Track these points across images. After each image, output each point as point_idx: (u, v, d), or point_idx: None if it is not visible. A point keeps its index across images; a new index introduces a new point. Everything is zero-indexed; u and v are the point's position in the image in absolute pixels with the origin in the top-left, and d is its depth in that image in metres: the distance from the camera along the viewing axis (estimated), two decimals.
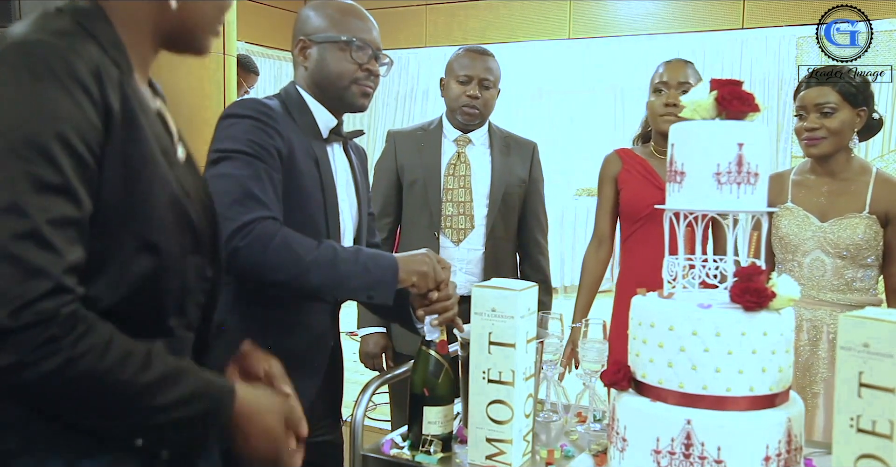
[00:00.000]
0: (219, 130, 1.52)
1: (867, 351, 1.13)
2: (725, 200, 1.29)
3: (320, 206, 1.58)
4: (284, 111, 1.59)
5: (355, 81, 1.62)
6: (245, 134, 1.48)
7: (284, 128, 1.53)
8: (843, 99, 2.04)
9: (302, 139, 1.58)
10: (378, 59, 1.66)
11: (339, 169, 1.68)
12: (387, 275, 1.45)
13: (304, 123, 1.61)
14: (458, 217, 2.41)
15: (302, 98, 1.64)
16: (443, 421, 1.52)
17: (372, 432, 2.92)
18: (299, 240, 1.42)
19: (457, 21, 7.48)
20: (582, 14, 7.03)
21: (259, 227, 1.39)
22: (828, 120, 2.04)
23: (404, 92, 8.29)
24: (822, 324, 2.06)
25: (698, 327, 1.24)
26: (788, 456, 1.24)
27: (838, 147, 2.07)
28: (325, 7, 1.65)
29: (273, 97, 1.65)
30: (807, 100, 2.08)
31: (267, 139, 1.49)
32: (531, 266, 2.53)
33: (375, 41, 1.65)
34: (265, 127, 1.50)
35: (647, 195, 2.29)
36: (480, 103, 2.38)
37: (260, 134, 1.49)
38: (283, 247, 1.39)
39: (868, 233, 2.01)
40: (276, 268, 1.40)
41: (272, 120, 1.51)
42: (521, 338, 1.41)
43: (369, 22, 1.67)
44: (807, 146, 2.09)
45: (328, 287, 1.46)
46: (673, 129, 1.37)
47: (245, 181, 1.43)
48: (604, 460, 1.46)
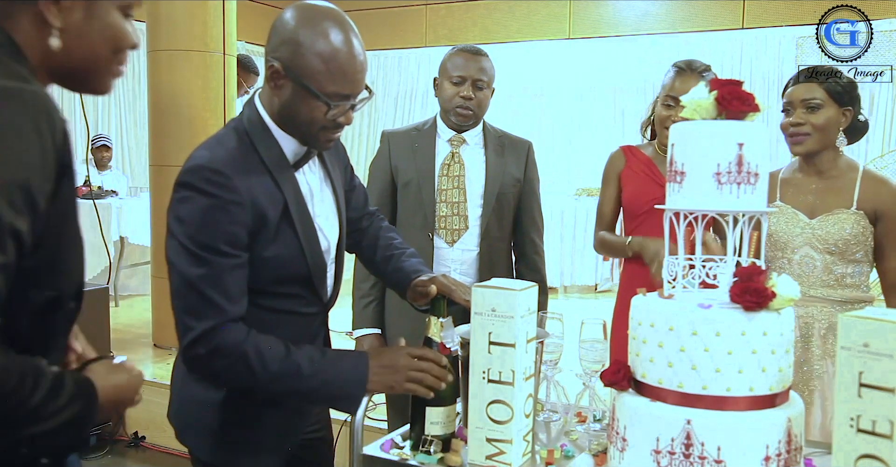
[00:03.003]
0: (175, 200, 1.41)
1: (867, 352, 1.13)
2: (725, 200, 1.29)
3: (296, 246, 1.51)
4: (248, 148, 1.47)
5: (324, 130, 1.48)
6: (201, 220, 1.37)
7: (244, 186, 1.41)
8: (829, 96, 2.06)
9: (265, 183, 1.46)
10: (354, 106, 1.49)
11: (312, 188, 1.58)
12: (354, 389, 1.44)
13: (270, 156, 1.48)
14: (453, 217, 2.41)
15: (267, 128, 1.50)
16: (445, 422, 1.52)
17: (372, 432, 2.92)
18: (263, 352, 1.39)
19: (457, 21, 7.49)
20: (582, 14, 7.04)
21: (218, 338, 1.36)
22: (813, 116, 2.06)
23: (404, 92, 8.30)
24: (813, 321, 2.08)
25: (698, 327, 1.24)
26: (788, 456, 1.24)
27: (824, 145, 2.08)
28: (313, 38, 1.40)
29: (233, 129, 1.51)
30: (793, 96, 2.11)
31: (227, 223, 1.39)
32: (527, 266, 2.52)
33: (359, 88, 1.46)
34: (226, 206, 1.38)
35: (648, 192, 2.31)
36: (474, 104, 2.37)
37: (219, 217, 1.38)
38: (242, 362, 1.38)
39: (856, 228, 2.03)
40: (233, 379, 1.42)
41: (230, 192, 1.39)
42: (521, 338, 1.41)
43: (357, 65, 1.43)
44: (792, 144, 2.11)
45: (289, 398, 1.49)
46: (673, 129, 1.37)
47: (198, 283, 1.36)
48: (604, 460, 1.46)
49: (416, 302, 1.73)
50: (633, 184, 2.37)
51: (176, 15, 4.45)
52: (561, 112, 7.96)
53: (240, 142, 1.48)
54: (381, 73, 8.28)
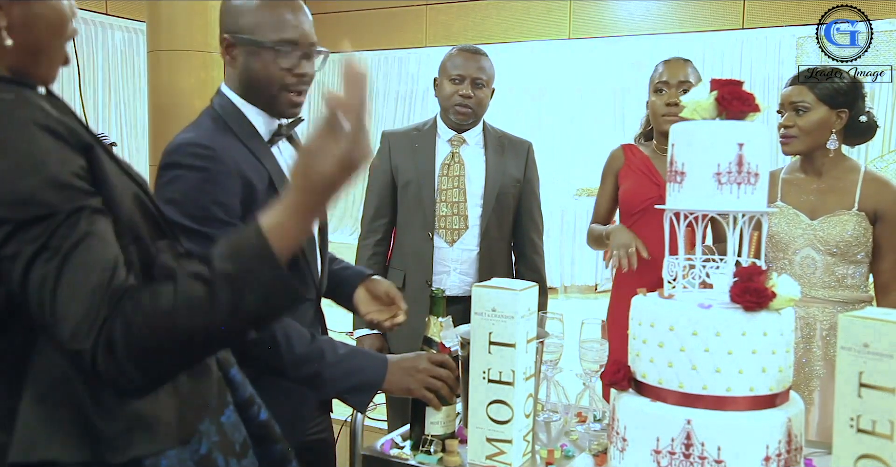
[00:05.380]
0: (162, 184, 1.41)
1: (867, 352, 1.13)
2: (725, 200, 1.29)
3: None
4: (224, 127, 1.49)
5: (284, 88, 1.50)
6: (197, 195, 1.38)
7: (230, 158, 1.43)
8: (819, 99, 2.07)
9: (247, 157, 1.48)
10: (310, 56, 1.52)
11: (289, 166, 1.59)
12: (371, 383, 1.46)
13: (245, 135, 1.51)
14: (453, 217, 2.41)
15: (236, 107, 1.53)
16: (445, 421, 1.52)
17: (372, 432, 2.92)
18: (289, 334, 1.40)
19: (457, 21, 7.49)
20: (582, 14, 7.04)
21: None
22: (800, 119, 2.09)
23: (404, 92, 8.29)
24: (814, 321, 2.08)
25: (698, 327, 1.24)
26: (788, 456, 1.24)
27: (811, 146, 2.10)
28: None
29: (206, 115, 1.54)
30: (784, 98, 2.14)
31: (220, 194, 1.40)
32: (526, 265, 2.52)
33: (306, 36, 1.50)
34: (216, 177, 1.40)
35: (644, 191, 2.33)
36: (474, 102, 2.38)
37: (211, 189, 1.39)
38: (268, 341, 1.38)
39: (857, 229, 2.03)
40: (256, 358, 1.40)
41: (219, 163, 1.41)
42: (521, 338, 1.41)
43: (299, 12, 1.50)
44: (781, 145, 2.15)
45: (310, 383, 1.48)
46: (673, 129, 1.37)
47: None
48: (604, 460, 1.46)
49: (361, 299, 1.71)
50: (630, 181, 2.38)
51: (176, 15, 4.45)
52: (561, 112, 7.96)
53: (215, 123, 1.51)
54: (381, 73, 8.27)
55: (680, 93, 2.25)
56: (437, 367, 1.49)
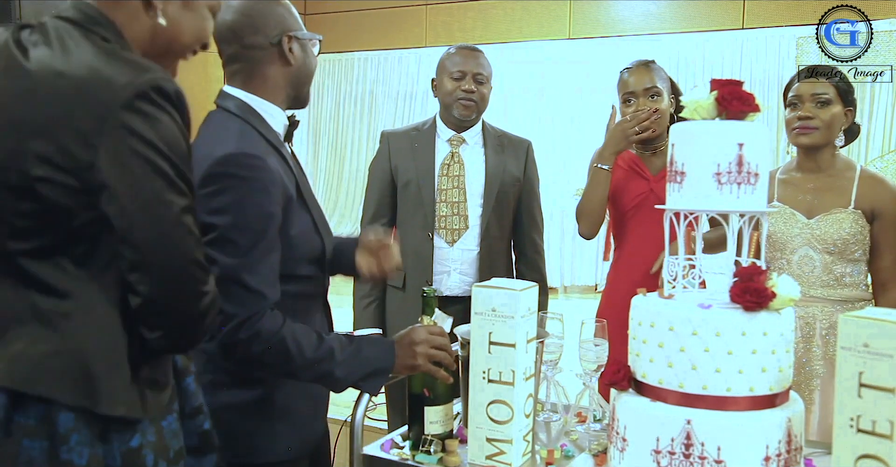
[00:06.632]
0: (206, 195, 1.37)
1: (867, 352, 1.13)
2: (725, 200, 1.29)
3: (310, 222, 1.52)
4: (251, 130, 1.48)
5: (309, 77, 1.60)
6: (248, 206, 1.38)
7: (273, 165, 1.43)
8: (838, 93, 2.08)
9: (279, 161, 1.48)
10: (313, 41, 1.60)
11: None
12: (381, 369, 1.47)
13: (270, 135, 1.51)
14: (453, 217, 2.41)
15: (254, 110, 1.51)
16: (443, 421, 1.52)
17: (372, 432, 2.92)
18: (299, 339, 1.41)
19: (457, 21, 7.48)
20: (582, 14, 7.03)
21: (259, 324, 1.37)
22: (823, 111, 2.07)
23: (404, 92, 8.28)
24: (814, 321, 2.08)
25: (698, 327, 1.24)
26: (788, 456, 1.24)
27: (828, 140, 2.10)
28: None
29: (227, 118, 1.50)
30: (803, 90, 2.11)
31: (269, 205, 1.40)
32: (527, 265, 2.52)
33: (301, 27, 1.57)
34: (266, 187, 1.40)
35: (633, 186, 2.30)
36: (477, 97, 2.39)
37: (261, 200, 1.39)
38: (280, 347, 1.39)
39: (854, 227, 2.03)
40: (270, 364, 1.41)
41: (268, 172, 1.41)
42: (521, 338, 1.41)
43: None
44: (798, 135, 2.09)
45: (322, 382, 1.48)
46: (673, 129, 1.37)
47: (237, 272, 1.36)
48: (604, 460, 1.46)
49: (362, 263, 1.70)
50: (616, 177, 2.35)
51: None
52: (561, 112, 7.95)
53: (242, 126, 1.48)
54: (381, 73, 8.27)
55: (648, 100, 2.24)
56: (433, 335, 1.50)
